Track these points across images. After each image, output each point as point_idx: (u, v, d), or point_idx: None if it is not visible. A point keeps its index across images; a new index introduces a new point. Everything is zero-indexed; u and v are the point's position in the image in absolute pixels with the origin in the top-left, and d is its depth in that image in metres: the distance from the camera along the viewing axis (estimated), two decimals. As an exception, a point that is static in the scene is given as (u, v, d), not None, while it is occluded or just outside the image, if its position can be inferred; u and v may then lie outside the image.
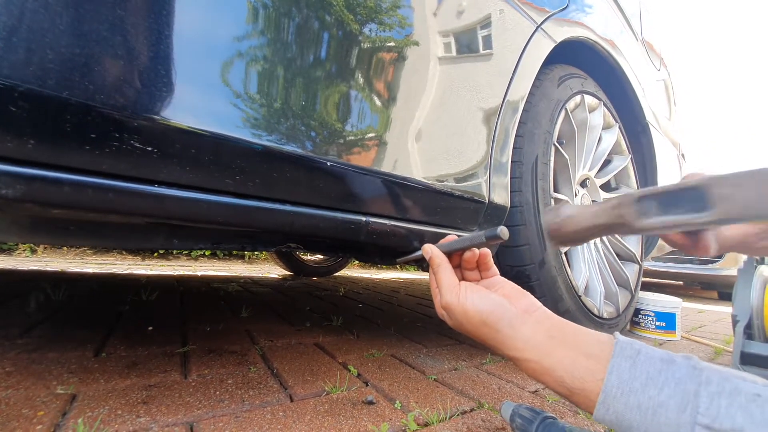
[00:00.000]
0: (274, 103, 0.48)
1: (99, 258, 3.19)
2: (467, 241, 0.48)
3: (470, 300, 0.44)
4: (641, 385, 0.33)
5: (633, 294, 1.27)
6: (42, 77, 0.34)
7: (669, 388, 0.32)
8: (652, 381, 0.33)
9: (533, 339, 0.40)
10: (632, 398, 0.33)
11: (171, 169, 0.42)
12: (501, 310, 0.42)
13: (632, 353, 0.35)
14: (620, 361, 0.35)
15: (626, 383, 0.33)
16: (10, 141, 0.34)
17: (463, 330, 0.45)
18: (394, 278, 3.29)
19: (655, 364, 0.34)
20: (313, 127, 0.51)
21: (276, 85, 0.48)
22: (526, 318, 0.42)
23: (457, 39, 0.72)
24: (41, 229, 0.45)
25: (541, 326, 0.41)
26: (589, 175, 1.20)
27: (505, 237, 0.43)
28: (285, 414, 0.54)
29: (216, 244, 0.58)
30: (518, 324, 0.41)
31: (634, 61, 1.37)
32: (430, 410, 0.59)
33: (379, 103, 0.59)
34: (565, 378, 0.37)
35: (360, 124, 0.57)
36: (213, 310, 1.24)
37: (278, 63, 0.48)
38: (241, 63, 0.45)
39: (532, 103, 0.93)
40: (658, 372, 0.33)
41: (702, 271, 3.47)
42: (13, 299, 1.19)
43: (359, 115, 0.56)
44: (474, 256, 0.49)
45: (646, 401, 0.32)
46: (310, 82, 0.51)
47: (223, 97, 0.44)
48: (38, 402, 0.53)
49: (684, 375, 0.32)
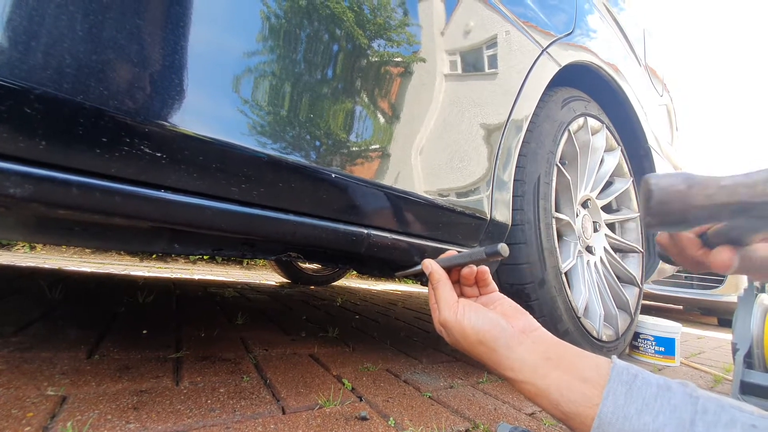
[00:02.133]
0: (281, 113, 0.49)
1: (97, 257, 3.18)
2: (467, 257, 0.48)
3: (467, 318, 0.43)
4: (636, 411, 0.32)
5: (633, 317, 1.26)
6: (58, 81, 0.35)
7: (664, 416, 0.31)
8: (647, 407, 0.32)
9: (529, 360, 0.40)
10: (627, 425, 0.32)
11: (178, 175, 0.42)
12: (498, 329, 0.42)
13: (629, 378, 0.35)
14: (616, 386, 0.34)
15: (621, 409, 0.33)
16: (22, 141, 0.35)
17: (460, 347, 0.45)
18: (392, 290, 3.26)
19: (652, 389, 0.33)
20: (318, 138, 0.52)
21: (284, 95, 0.49)
22: (523, 338, 0.42)
23: (464, 58, 0.74)
24: (45, 228, 0.45)
25: (538, 347, 0.41)
26: (591, 196, 1.21)
27: (505, 254, 0.43)
28: (276, 427, 0.54)
29: (217, 250, 0.58)
30: (515, 344, 0.41)
31: (637, 85, 1.39)
32: (424, 429, 0.58)
33: (384, 117, 0.60)
34: (560, 401, 0.36)
35: (364, 137, 0.57)
36: (208, 316, 1.23)
37: (287, 74, 0.49)
38: (250, 73, 0.46)
39: (535, 123, 0.94)
40: (653, 398, 0.33)
41: (702, 296, 3.44)
42: (9, 296, 1.18)
43: (364, 128, 0.57)
44: (472, 273, 0.49)
45: (641, 428, 0.32)
46: (317, 94, 0.52)
47: (232, 106, 0.45)
48: (28, 403, 0.52)
49: (680, 402, 0.32)
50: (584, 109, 1.12)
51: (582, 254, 1.11)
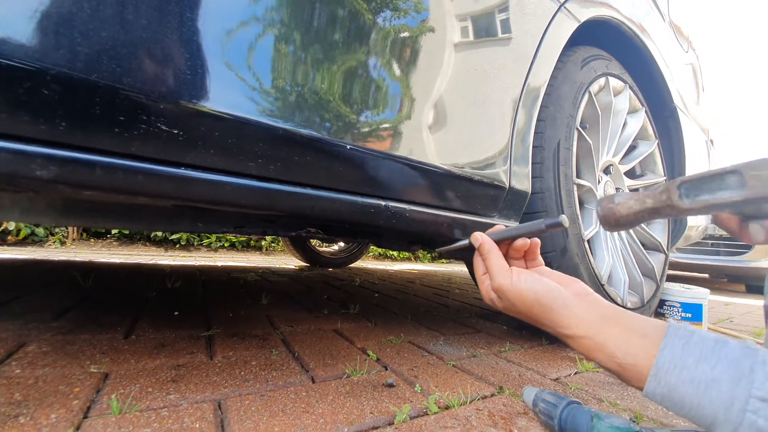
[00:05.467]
0: (295, 86, 0.48)
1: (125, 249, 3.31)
2: (523, 230, 0.50)
3: (523, 281, 0.46)
4: (694, 361, 0.33)
5: (658, 284, 1.24)
6: (72, 60, 0.35)
7: (722, 366, 0.32)
8: (705, 358, 0.33)
9: (587, 318, 0.42)
10: (684, 373, 0.33)
11: (196, 152, 0.42)
12: (555, 291, 0.44)
13: (686, 334, 0.36)
14: (673, 340, 0.35)
15: (679, 359, 0.34)
16: (43, 123, 0.35)
17: (515, 310, 0.48)
18: (409, 270, 3.29)
19: (709, 343, 0.34)
20: (332, 110, 0.51)
21: (298, 68, 0.48)
22: (580, 300, 0.44)
23: (475, 21, 0.70)
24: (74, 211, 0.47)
25: (594, 308, 0.43)
26: (613, 162, 1.16)
27: (566, 225, 0.46)
28: (308, 394, 0.55)
29: (239, 227, 0.59)
30: (572, 305, 0.43)
31: (662, 42, 1.31)
32: (450, 394, 0.59)
33: (397, 88, 0.58)
34: (617, 354, 0.38)
35: (378, 108, 0.56)
36: (234, 298, 1.26)
37: (300, 46, 0.48)
38: (263, 46, 0.45)
39: (554, 86, 0.90)
40: (711, 350, 0.33)
41: (729, 263, 3.33)
42: (46, 287, 1.25)
43: (377, 99, 0.56)
44: (525, 245, 0.51)
45: (698, 375, 0.32)
46: (330, 66, 0.50)
47: (246, 80, 0.44)
48: (74, 379, 0.56)
49: (738, 354, 0.32)
50: (605, 69, 1.06)
51: (605, 221, 1.08)
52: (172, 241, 3.65)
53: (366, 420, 0.49)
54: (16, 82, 0.33)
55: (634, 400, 0.65)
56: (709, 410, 0.31)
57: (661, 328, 0.38)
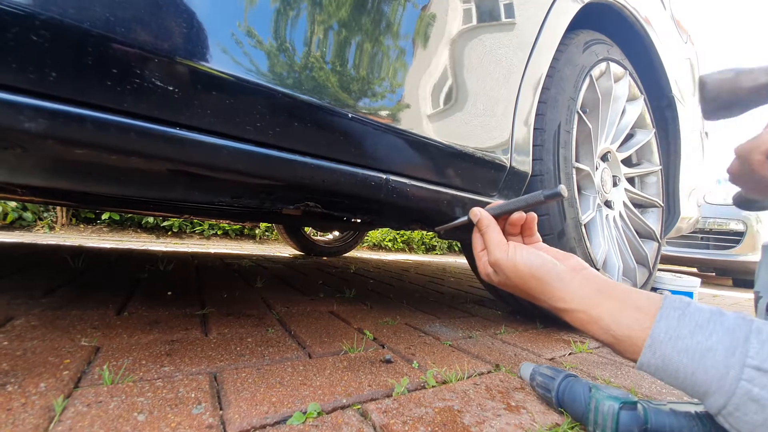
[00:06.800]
0: (296, 49, 0.46)
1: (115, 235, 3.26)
2: (521, 202, 0.50)
3: (519, 255, 0.46)
4: (689, 331, 0.33)
5: (651, 272, 1.25)
6: (62, 6, 0.33)
7: (717, 335, 0.32)
8: (700, 328, 0.33)
9: (581, 292, 0.42)
10: (680, 343, 0.33)
11: (191, 112, 0.41)
12: (551, 265, 0.44)
13: (681, 305, 0.36)
14: (669, 311, 0.35)
15: (674, 329, 0.34)
16: (32, 72, 0.33)
17: (511, 285, 0.47)
18: (404, 259, 3.29)
19: (704, 314, 0.34)
20: (335, 77, 0.50)
21: (300, 31, 0.46)
22: (575, 274, 0.44)
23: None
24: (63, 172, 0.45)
25: (590, 282, 0.43)
26: (611, 149, 1.16)
27: (565, 194, 0.46)
28: (305, 368, 0.55)
29: (236, 198, 0.57)
30: (568, 278, 0.43)
31: (662, 30, 1.30)
32: (447, 370, 0.59)
33: (401, 61, 0.57)
34: (611, 326, 0.38)
35: (383, 80, 0.55)
36: (228, 281, 1.25)
37: (302, 8, 0.46)
38: (264, 5, 0.43)
39: (556, 68, 0.89)
40: (707, 321, 0.33)
41: (718, 257, 3.39)
42: (35, 267, 1.22)
43: (381, 71, 0.54)
44: (521, 219, 0.51)
45: (693, 345, 0.32)
46: (336, 32, 0.49)
47: (245, 40, 0.42)
48: (64, 352, 0.54)
49: (733, 324, 0.32)
50: (607, 54, 1.06)
51: (601, 208, 1.08)
52: (164, 228, 3.60)
53: (365, 392, 0.49)
54: (2, 27, 0.31)
55: (627, 378, 0.65)
56: (703, 380, 0.31)
57: (656, 300, 0.38)
